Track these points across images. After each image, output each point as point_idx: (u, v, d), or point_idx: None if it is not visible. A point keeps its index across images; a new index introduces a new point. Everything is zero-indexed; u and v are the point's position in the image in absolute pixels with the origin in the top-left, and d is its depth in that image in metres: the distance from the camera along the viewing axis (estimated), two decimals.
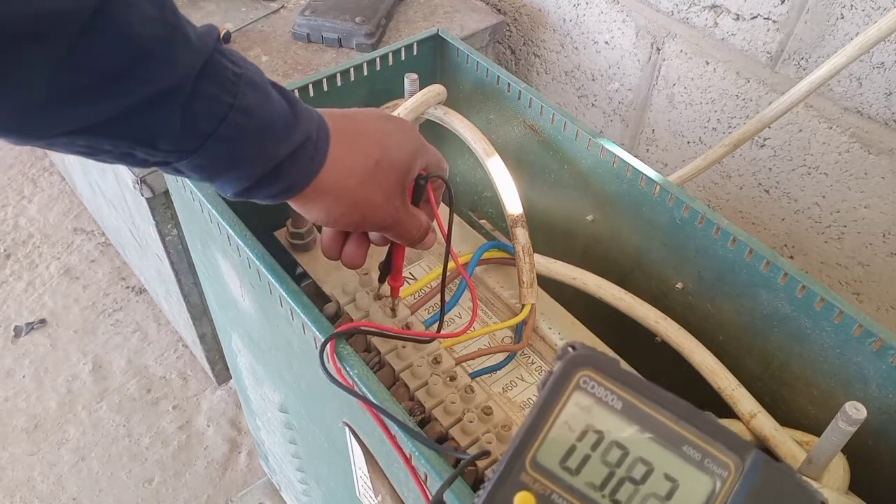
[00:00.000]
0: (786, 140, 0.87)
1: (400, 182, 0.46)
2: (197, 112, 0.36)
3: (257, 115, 0.38)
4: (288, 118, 0.40)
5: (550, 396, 0.30)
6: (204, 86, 0.36)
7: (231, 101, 0.37)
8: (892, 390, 0.49)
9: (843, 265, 0.88)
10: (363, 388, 0.45)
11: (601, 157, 0.62)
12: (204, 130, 0.36)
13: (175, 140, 0.36)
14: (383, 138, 0.46)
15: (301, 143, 0.41)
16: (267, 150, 0.39)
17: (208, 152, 0.37)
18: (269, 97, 0.39)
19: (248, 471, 1.24)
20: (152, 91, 0.33)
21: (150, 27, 0.33)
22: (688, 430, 0.29)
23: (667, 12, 0.94)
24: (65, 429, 1.29)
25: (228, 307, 0.71)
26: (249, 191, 0.41)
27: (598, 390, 0.30)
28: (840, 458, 0.49)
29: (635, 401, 0.30)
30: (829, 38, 0.78)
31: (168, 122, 0.35)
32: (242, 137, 0.38)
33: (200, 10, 1.13)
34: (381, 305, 0.56)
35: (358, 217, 0.45)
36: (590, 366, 0.30)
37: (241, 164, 0.39)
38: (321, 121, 0.43)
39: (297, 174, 0.42)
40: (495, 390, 0.56)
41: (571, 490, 0.29)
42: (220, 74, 0.36)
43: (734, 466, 0.28)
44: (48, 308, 1.47)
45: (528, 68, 1.21)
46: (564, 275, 0.62)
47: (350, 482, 0.60)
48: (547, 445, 0.29)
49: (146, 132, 0.35)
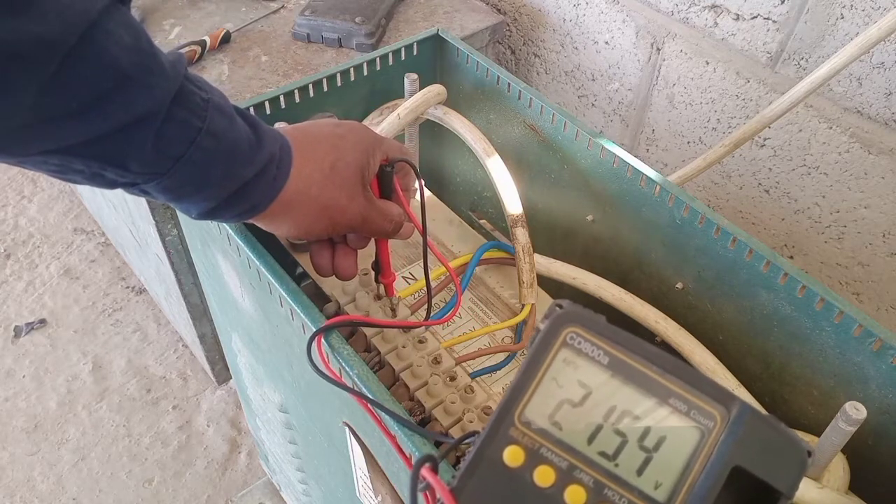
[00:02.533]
0: (786, 140, 0.87)
1: (359, 180, 0.48)
2: (169, 136, 0.37)
3: (224, 139, 0.40)
4: (252, 141, 0.42)
5: (538, 353, 0.30)
6: (177, 111, 0.37)
7: (200, 125, 0.38)
8: (892, 390, 0.49)
9: (843, 265, 0.88)
10: (355, 380, 0.45)
11: (601, 157, 0.62)
12: (174, 154, 0.38)
13: (146, 162, 0.37)
14: (336, 141, 0.48)
15: (265, 165, 0.42)
16: (233, 172, 0.41)
17: (177, 175, 0.39)
18: (234, 121, 0.41)
19: (248, 471, 1.24)
20: (131, 115, 0.35)
21: (128, 54, 0.34)
22: (673, 383, 0.30)
23: (667, 12, 0.94)
24: (65, 429, 1.29)
25: (228, 307, 0.71)
26: (214, 211, 0.43)
27: (585, 346, 0.30)
28: (840, 458, 0.49)
29: (621, 355, 0.30)
30: (829, 38, 0.78)
31: (142, 145, 0.36)
32: (210, 160, 0.39)
33: (200, 11, 1.13)
34: (381, 305, 0.56)
35: (326, 222, 0.47)
36: (576, 322, 0.31)
37: (207, 186, 0.41)
38: (283, 140, 0.45)
39: (261, 193, 0.43)
40: (495, 390, 0.56)
41: (560, 444, 0.29)
42: (191, 100, 0.38)
43: (720, 417, 0.29)
44: (48, 308, 1.47)
45: (528, 68, 1.21)
46: (564, 275, 0.63)
47: (350, 482, 0.60)
48: (535, 401, 0.30)
49: (120, 154, 0.36)
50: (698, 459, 0.28)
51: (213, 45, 1.04)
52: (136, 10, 1.09)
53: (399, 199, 0.52)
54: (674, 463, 0.29)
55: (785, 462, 0.28)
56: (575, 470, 0.29)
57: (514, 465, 0.29)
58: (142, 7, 1.12)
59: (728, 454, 0.28)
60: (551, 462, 0.29)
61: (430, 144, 0.77)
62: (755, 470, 0.28)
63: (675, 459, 0.29)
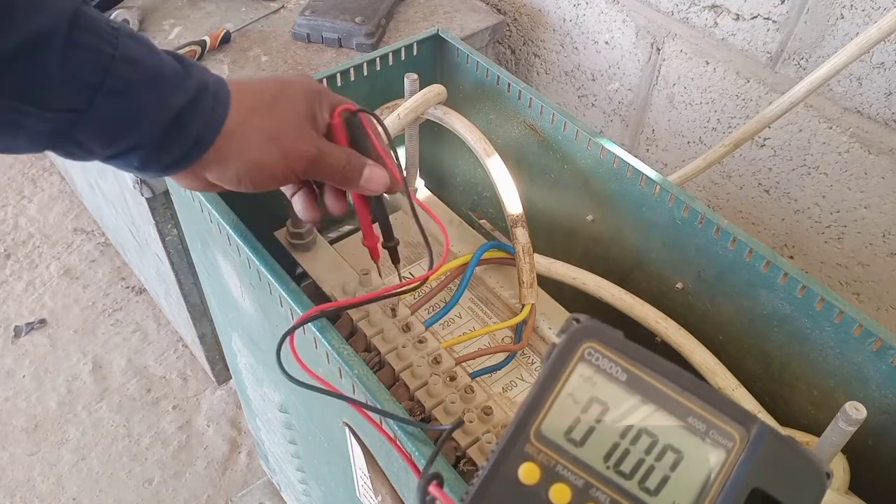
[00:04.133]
0: (786, 140, 0.87)
1: (308, 115, 0.45)
2: (77, 62, 0.35)
3: (144, 66, 0.38)
4: (177, 69, 0.40)
5: (555, 368, 0.30)
6: (79, 36, 0.35)
7: (111, 51, 0.36)
8: (892, 390, 0.49)
9: (843, 265, 0.88)
10: (355, 381, 0.45)
11: (601, 157, 0.62)
12: (88, 82, 0.36)
13: (60, 95, 0.35)
14: (277, 77, 0.46)
15: (197, 92, 0.40)
16: (162, 101, 0.39)
17: (100, 109, 0.37)
18: (154, 51, 0.39)
19: (248, 471, 1.24)
20: (24, 38, 0.33)
21: None
22: (692, 402, 0.29)
23: (667, 12, 0.94)
24: (65, 429, 1.29)
25: (228, 307, 0.71)
26: (156, 154, 0.40)
27: (603, 362, 0.30)
28: (840, 458, 0.49)
29: (640, 372, 0.30)
30: (829, 38, 0.78)
31: (48, 72, 0.35)
32: (132, 89, 0.38)
33: (200, 11, 1.13)
34: (382, 306, 0.56)
35: (276, 154, 0.44)
36: (594, 337, 0.30)
37: (137, 120, 0.38)
38: (217, 76, 0.43)
39: (201, 125, 0.41)
40: (495, 390, 0.56)
41: (576, 461, 0.29)
42: (96, 25, 0.36)
43: (739, 437, 0.28)
44: (48, 308, 1.47)
45: (528, 68, 1.21)
46: (564, 275, 0.62)
47: (350, 482, 0.60)
48: (551, 417, 0.29)
49: (27, 86, 0.35)
50: (717, 480, 0.28)
51: (213, 45, 1.04)
52: (137, 10, 1.09)
53: (375, 147, 0.49)
54: (691, 483, 0.28)
55: (804, 484, 0.28)
56: (591, 488, 0.28)
57: (530, 483, 0.28)
58: (142, 7, 1.12)
59: (747, 475, 0.27)
60: (567, 480, 0.29)
61: (430, 144, 0.77)
62: (774, 492, 0.27)
63: (692, 479, 0.28)
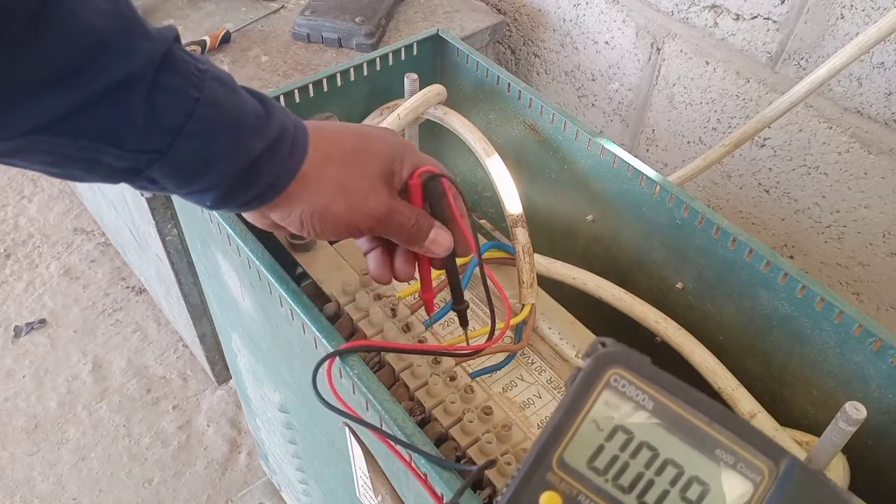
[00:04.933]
0: (786, 140, 0.87)
1: (384, 172, 0.44)
2: (161, 105, 0.35)
3: (226, 109, 0.37)
4: (259, 112, 0.39)
5: (579, 394, 0.29)
6: (166, 78, 0.35)
7: (197, 94, 0.36)
8: (892, 390, 0.49)
9: (843, 265, 0.88)
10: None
11: (601, 157, 0.62)
12: (171, 125, 0.35)
13: (141, 137, 0.35)
14: (359, 129, 0.46)
15: (277, 138, 0.40)
16: (241, 146, 0.38)
17: (180, 151, 0.36)
18: (237, 92, 0.39)
19: (248, 471, 1.24)
20: (111, 81, 0.33)
21: (104, 19, 0.32)
22: (720, 433, 0.28)
23: (667, 12, 0.94)
24: (65, 429, 1.29)
25: (228, 307, 0.71)
26: (230, 195, 0.40)
27: (629, 389, 0.29)
28: (840, 458, 0.49)
29: (667, 401, 0.29)
30: (829, 38, 0.78)
31: (131, 115, 0.34)
32: (213, 133, 0.37)
33: (200, 11, 1.13)
34: (382, 306, 0.56)
35: (343, 206, 0.43)
36: (621, 363, 0.29)
37: (215, 164, 0.38)
38: (298, 119, 0.42)
39: (277, 171, 0.40)
40: (495, 390, 0.56)
41: (599, 491, 0.28)
42: (183, 67, 0.36)
43: (768, 472, 0.27)
44: (48, 308, 1.47)
45: (528, 68, 1.21)
46: (564, 275, 0.62)
47: (350, 482, 0.60)
48: (574, 445, 0.28)
49: (110, 128, 0.34)
50: None
51: (213, 45, 1.04)
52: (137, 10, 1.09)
53: (451, 211, 0.47)
54: None
55: None
56: None
57: None
58: (142, 7, 1.12)
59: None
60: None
61: (430, 144, 0.77)
62: None
63: None
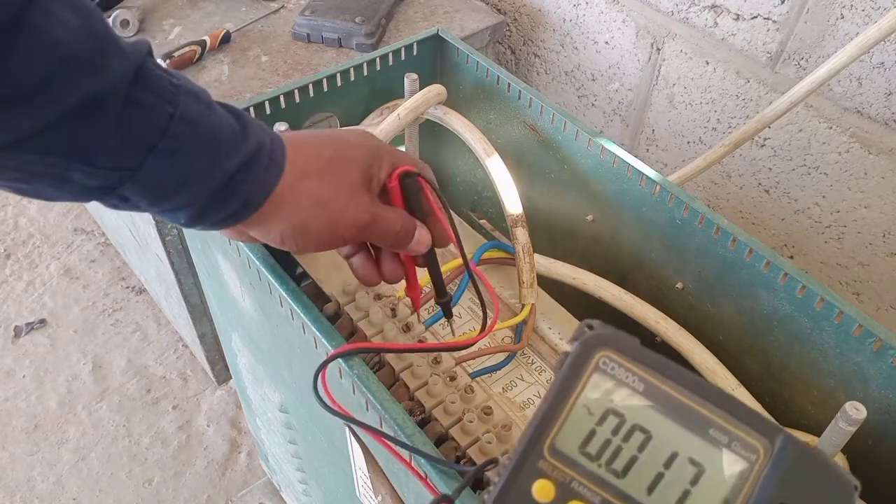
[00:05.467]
0: (786, 140, 0.87)
1: (363, 179, 0.44)
2: (134, 122, 0.34)
3: (201, 125, 0.36)
4: (234, 128, 0.38)
5: (568, 378, 0.28)
6: (139, 94, 0.34)
7: (171, 110, 0.35)
8: (892, 390, 0.49)
9: (843, 265, 0.88)
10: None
11: (601, 157, 0.62)
12: (144, 143, 0.34)
13: (113, 154, 0.34)
14: (335, 138, 0.44)
15: (252, 154, 0.39)
16: (216, 163, 0.37)
17: (153, 169, 0.35)
18: (213, 108, 0.38)
19: (248, 471, 1.24)
20: (82, 98, 0.32)
21: (75, 35, 0.32)
22: (713, 413, 0.28)
23: (667, 12, 0.94)
24: (65, 429, 1.29)
25: (228, 307, 0.71)
26: (204, 213, 0.39)
27: (619, 371, 0.28)
28: (840, 458, 0.49)
29: (658, 382, 0.28)
30: (829, 38, 0.78)
31: (103, 132, 0.33)
32: (187, 150, 0.36)
33: (200, 11, 1.13)
34: (382, 306, 0.56)
35: (324, 220, 0.42)
36: (609, 346, 0.29)
37: (189, 182, 0.37)
38: (273, 133, 0.41)
39: (253, 188, 0.39)
40: (495, 390, 0.56)
41: (592, 477, 0.27)
42: (157, 84, 0.35)
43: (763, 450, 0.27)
44: (48, 308, 1.47)
45: (528, 68, 1.21)
46: (564, 275, 0.62)
47: (350, 482, 0.60)
48: (566, 430, 0.28)
49: (80, 145, 0.33)
50: (740, 495, 0.26)
51: (213, 45, 1.04)
52: (137, 9, 1.09)
53: (430, 205, 0.47)
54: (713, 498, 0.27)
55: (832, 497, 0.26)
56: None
57: (545, 501, 0.27)
58: (142, 7, 1.12)
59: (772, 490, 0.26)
60: (584, 497, 0.27)
61: (430, 144, 0.77)
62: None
63: (714, 494, 0.27)
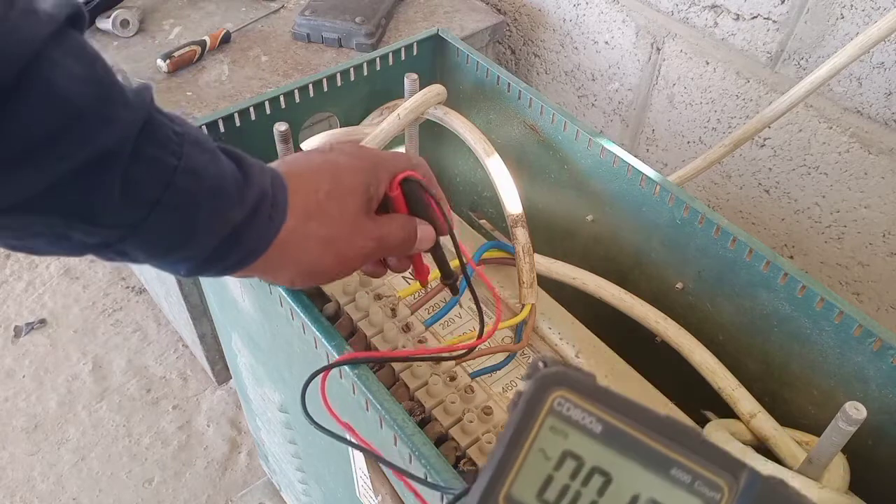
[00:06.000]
0: (786, 140, 0.87)
1: (363, 205, 0.43)
2: (138, 178, 0.32)
3: (205, 177, 0.35)
4: (237, 177, 0.37)
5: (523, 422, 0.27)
6: (145, 147, 0.32)
7: (175, 162, 0.33)
8: (892, 390, 0.49)
9: (843, 265, 0.88)
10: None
11: (601, 157, 0.62)
12: (147, 198, 0.33)
13: (116, 212, 0.32)
14: (329, 168, 0.43)
15: (256, 203, 0.37)
16: (220, 216, 0.36)
17: (155, 224, 0.33)
18: (216, 157, 0.36)
19: (248, 471, 1.24)
20: (90, 154, 0.30)
21: (80, 85, 0.30)
22: (675, 451, 0.27)
23: (667, 12, 0.94)
24: (65, 429, 1.29)
25: (228, 307, 0.71)
26: (206, 265, 0.38)
27: (575, 412, 0.27)
28: (840, 458, 0.49)
29: (616, 421, 0.27)
30: (829, 38, 0.78)
31: (108, 191, 0.31)
32: (191, 204, 0.34)
33: (200, 11, 1.13)
34: (382, 306, 0.56)
35: (333, 258, 0.42)
36: (564, 385, 0.27)
37: (192, 236, 0.35)
38: (274, 173, 0.40)
39: (257, 237, 0.38)
40: (495, 390, 0.56)
41: None
42: (162, 134, 0.33)
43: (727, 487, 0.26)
44: (48, 308, 1.47)
45: (528, 68, 1.21)
46: (564, 275, 0.62)
47: (350, 482, 0.60)
48: (521, 477, 0.27)
49: (83, 205, 0.31)
50: None
51: (213, 45, 1.04)
52: (137, 9, 1.09)
53: (434, 212, 0.47)
54: None
55: None
56: None
57: None
58: (142, 7, 1.12)
59: None
60: None
61: (430, 144, 0.77)
62: None
63: None
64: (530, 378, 0.28)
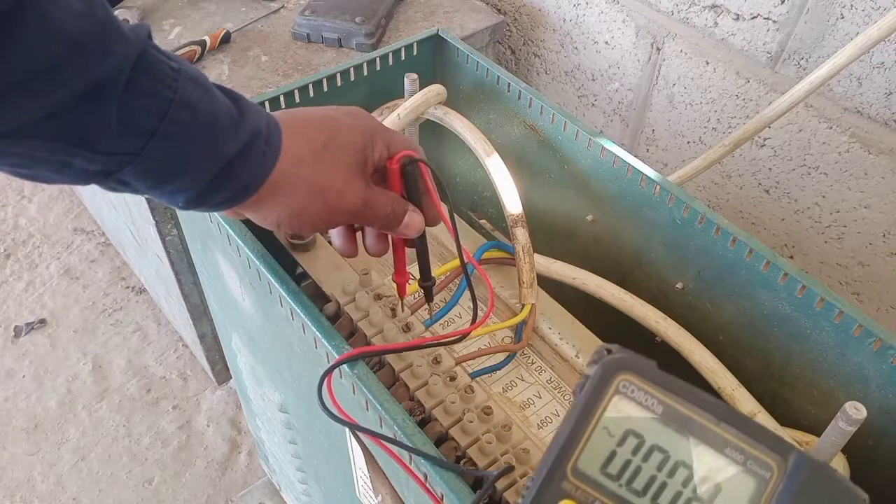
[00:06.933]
0: (786, 140, 0.87)
1: (357, 163, 0.44)
2: (135, 108, 0.34)
3: (201, 111, 0.37)
4: (233, 113, 0.39)
5: (590, 401, 0.30)
6: (140, 80, 0.34)
7: (171, 95, 0.35)
8: (892, 390, 0.49)
9: (843, 265, 0.88)
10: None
11: (601, 157, 0.62)
12: (145, 128, 0.35)
13: (114, 140, 0.34)
14: (329, 122, 0.45)
15: (250, 139, 0.40)
16: (215, 148, 0.38)
17: (153, 154, 0.36)
18: (211, 92, 0.38)
19: (248, 471, 1.24)
20: (86, 84, 0.32)
21: (79, 20, 0.32)
22: (729, 432, 0.29)
23: (667, 12, 0.94)
24: (65, 429, 1.29)
25: (228, 307, 0.71)
26: (201, 197, 0.40)
27: (638, 394, 0.30)
28: (840, 458, 0.49)
29: (675, 404, 0.29)
30: (829, 38, 0.78)
31: (105, 118, 0.34)
32: (187, 135, 0.37)
33: (200, 11, 1.13)
34: (382, 306, 0.56)
35: (320, 206, 0.43)
36: (629, 369, 0.30)
37: (188, 167, 0.38)
38: (271, 117, 0.42)
39: (250, 173, 0.40)
40: (495, 390, 0.56)
41: (614, 496, 0.29)
42: (157, 68, 0.35)
43: (777, 467, 0.28)
44: (48, 308, 1.47)
45: (528, 68, 1.21)
46: (564, 275, 0.62)
47: (350, 482, 0.60)
48: (587, 452, 0.29)
49: (83, 131, 0.34)
50: None
51: (213, 45, 1.04)
52: (136, 9, 1.09)
53: (429, 195, 0.48)
54: None
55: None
56: None
57: None
58: (142, 7, 1.12)
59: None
60: None
61: (430, 144, 0.77)
62: None
63: None
64: (597, 363, 0.30)
